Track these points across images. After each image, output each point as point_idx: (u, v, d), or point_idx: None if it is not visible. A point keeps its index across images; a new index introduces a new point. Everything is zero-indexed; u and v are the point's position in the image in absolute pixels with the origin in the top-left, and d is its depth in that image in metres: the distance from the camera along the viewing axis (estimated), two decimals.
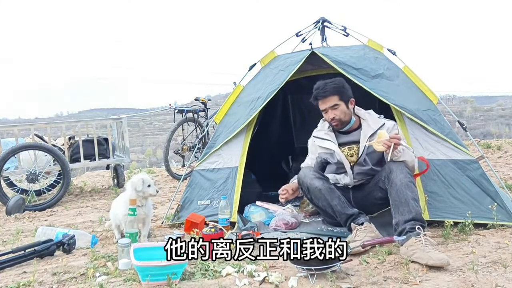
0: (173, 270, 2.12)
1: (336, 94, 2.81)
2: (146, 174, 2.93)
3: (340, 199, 2.75)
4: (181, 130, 5.77)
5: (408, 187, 2.49)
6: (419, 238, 2.28)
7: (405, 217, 2.41)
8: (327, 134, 2.95)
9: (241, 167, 3.28)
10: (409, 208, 2.42)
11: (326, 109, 2.84)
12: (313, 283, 2.09)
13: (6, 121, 40.98)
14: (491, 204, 2.74)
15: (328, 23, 3.76)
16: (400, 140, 2.56)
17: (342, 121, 2.85)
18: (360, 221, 2.65)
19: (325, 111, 2.87)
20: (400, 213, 2.45)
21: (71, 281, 2.26)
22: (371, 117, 2.89)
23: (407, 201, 2.44)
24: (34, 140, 4.75)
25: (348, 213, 2.72)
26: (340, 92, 2.81)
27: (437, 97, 3.08)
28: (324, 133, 2.97)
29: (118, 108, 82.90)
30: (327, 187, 2.78)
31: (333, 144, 2.90)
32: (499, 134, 17.52)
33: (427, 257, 2.17)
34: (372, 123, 2.83)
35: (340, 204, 2.74)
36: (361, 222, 2.64)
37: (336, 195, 2.76)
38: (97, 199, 4.85)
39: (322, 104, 2.85)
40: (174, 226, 3.29)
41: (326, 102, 2.82)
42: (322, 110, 2.89)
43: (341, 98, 2.82)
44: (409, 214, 2.41)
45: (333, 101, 2.81)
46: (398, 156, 2.60)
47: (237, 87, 3.62)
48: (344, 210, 2.73)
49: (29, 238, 3.21)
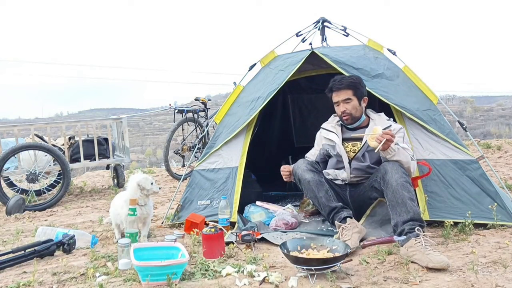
0: (173, 270, 2.12)
1: (350, 89, 2.84)
2: (145, 174, 2.93)
3: (327, 193, 2.78)
4: (181, 130, 5.77)
5: (404, 187, 2.46)
6: (419, 239, 2.28)
7: (403, 218, 2.41)
8: (333, 127, 3.00)
9: (241, 167, 3.28)
10: (407, 209, 2.40)
11: (339, 102, 2.87)
12: (313, 283, 2.09)
13: (6, 121, 40.92)
14: (491, 204, 2.74)
15: (328, 23, 3.77)
16: (393, 137, 2.54)
17: (353, 116, 2.87)
18: (343, 215, 2.68)
19: (337, 104, 2.90)
20: (398, 214, 2.44)
21: (71, 281, 2.26)
22: (380, 119, 2.90)
23: (404, 202, 2.42)
24: (34, 140, 4.76)
25: (331, 206, 2.75)
26: (355, 88, 2.85)
27: (437, 97, 3.08)
28: (331, 126, 3.02)
29: (118, 108, 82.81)
30: (317, 180, 2.80)
31: (336, 136, 2.94)
32: (499, 134, 17.52)
33: (426, 259, 2.17)
34: (379, 123, 2.83)
35: (326, 196, 2.77)
36: (344, 216, 2.67)
37: (324, 188, 2.79)
38: (97, 199, 4.85)
39: (336, 97, 2.88)
40: (174, 226, 3.30)
41: (340, 94, 2.86)
42: (335, 103, 2.92)
43: (355, 93, 2.85)
44: (407, 214, 2.40)
45: (347, 95, 2.84)
46: (392, 155, 2.58)
47: (237, 87, 3.62)
48: (328, 203, 2.76)
49: (29, 238, 3.21)
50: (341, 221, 2.68)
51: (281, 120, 4.90)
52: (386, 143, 2.52)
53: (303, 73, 3.79)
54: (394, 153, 2.58)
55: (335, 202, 2.77)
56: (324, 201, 2.76)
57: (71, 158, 4.98)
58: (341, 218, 2.69)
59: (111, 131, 5.43)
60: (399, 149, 2.60)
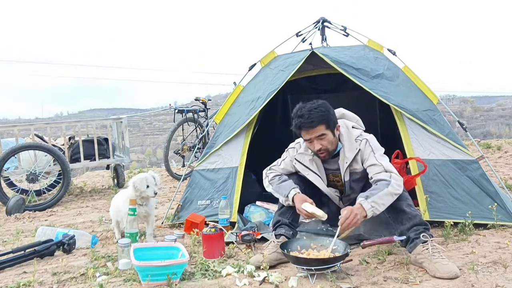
0: (173, 270, 2.12)
1: (323, 123, 2.41)
2: (154, 174, 2.88)
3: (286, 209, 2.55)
4: (181, 130, 5.78)
5: (398, 198, 2.32)
6: (426, 246, 2.23)
7: (406, 225, 2.33)
8: (312, 162, 2.59)
9: (241, 167, 3.28)
10: (407, 215, 2.33)
11: (312, 139, 2.45)
12: (313, 283, 2.09)
13: (6, 121, 40.92)
14: (491, 204, 2.74)
15: (328, 23, 3.77)
16: (351, 219, 2.16)
17: (330, 151, 2.49)
18: (279, 232, 2.51)
19: (310, 141, 2.47)
20: (400, 223, 2.36)
21: (71, 281, 2.26)
22: (349, 141, 2.53)
23: (402, 210, 2.34)
24: (34, 140, 4.76)
25: (277, 219, 2.58)
26: (327, 120, 2.42)
27: (437, 97, 3.08)
28: (309, 159, 2.60)
29: (118, 108, 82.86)
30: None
31: (320, 181, 2.60)
32: (499, 134, 17.54)
33: (434, 269, 2.13)
34: (348, 151, 2.51)
35: (282, 206, 2.57)
36: (279, 234, 2.50)
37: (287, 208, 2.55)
38: (97, 199, 4.85)
39: (307, 134, 2.45)
40: (174, 226, 3.30)
41: (312, 132, 2.42)
42: (306, 140, 2.49)
43: (328, 126, 2.43)
44: (408, 221, 2.33)
45: (320, 131, 2.41)
46: (376, 213, 2.25)
47: (237, 87, 3.62)
48: (277, 212, 2.61)
49: (29, 238, 3.21)
50: (276, 236, 2.52)
51: (281, 120, 4.90)
52: (354, 222, 2.18)
53: (303, 73, 3.79)
54: (372, 213, 2.23)
55: (283, 217, 2.57)
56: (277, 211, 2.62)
57: (71, 158, 4.98)
58: (276, 235, 2.52)
59: (111, 131, 5.43)
60: (375, 203, 2.22)
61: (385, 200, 2.24)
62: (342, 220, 2.17)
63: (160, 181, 2.90)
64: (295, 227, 2.61)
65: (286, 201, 2.48)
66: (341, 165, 2.55)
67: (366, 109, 2.93)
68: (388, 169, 2.36)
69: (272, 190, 2.60)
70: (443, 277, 2.09)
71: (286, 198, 2.47)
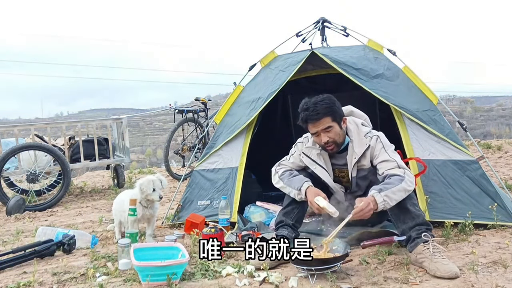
0: (173, 270, 2.12)
1: (328, 115, 2.43)
2: (161, 177, 2.88)
3: (294, 205, 2.56)
4: (181, 130, 5.78)
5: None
6: (427, 245, 2.23)
7: (408, 225, 2.33)
8: (319, 156, 2.60)
9: (241, 167, 3.28)
10: (410, 215, 2.33)
11: (318, 132, 2.47)
12: (313, 283, 2.09)
13: (6, 121, 40.93)
14: (491, 204, 2.74)
15: (328, 23, 3.77)
16: (365, 212, 2.18)
17: (338, 143, 2.50)
18: (281, 233, 2.50)
19: (317, 134, 2.49)
20: (402, 222, 2.36)
21: (71, 281, 2.26)
22: (358, 137, 2.54)
23: (406, 208, 2.34)
24: (34, 140, 4.75)
25: (281, 219, 2.58)
26: (332, 112, 2.45)
27: (437, 97, 3.08)
28: (317, 153, 2.61)
29: (118, 108, 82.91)
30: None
31: (327, 175, 2.60)
32: (499, 134, 17.54)
33: (434, 268, 2.14)
34: (358, 146, 2.51)
35: (288, 209, 2.57)
36: (281, 235, 2.46)
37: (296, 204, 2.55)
38: (97, 199, 4.85)
39: (313, 127, 2.47)
40: (174, 226, 3.30)
41: (317, 124, 2.44)
42: (313, 134, 2.51)
43: (334, 118, 2.45)
44: (411, 220, 2.33)
45: (326, 123, 2.43)
46: (387, 207, 2.25)
47: (237, 87, 3.62)
48: (282, 211, 2.60)
49: (29, 238, 3.21)
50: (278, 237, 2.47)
51: (281, 120, 4.90)
52: (366, 214, 2.19)
53: (303, 73, 3.80)
54: (383, 207, 2.23)
55: (288, 218, 2.55)
56: (281, 207, 2.62)
57: (71, 158, 4.98)
58: (279, 235, 2.48)
59: (111, 131, 5.43)
60: (388, 197, 2.22)
61: (398, 195, 2.25)
62: (357, 209, 2.18)
63: (166, 184, 2.91)
64: (297, 228, 2.60)
65: (299, 194, 2.46)
66: (349, 160, 2.54)
67: (366, 109, 2.93)
68: (402, 165, 2.39)
69: (283, 185, 2.57)
70: (443, 276, 2.09)
71: (298, 191, 2.45)
